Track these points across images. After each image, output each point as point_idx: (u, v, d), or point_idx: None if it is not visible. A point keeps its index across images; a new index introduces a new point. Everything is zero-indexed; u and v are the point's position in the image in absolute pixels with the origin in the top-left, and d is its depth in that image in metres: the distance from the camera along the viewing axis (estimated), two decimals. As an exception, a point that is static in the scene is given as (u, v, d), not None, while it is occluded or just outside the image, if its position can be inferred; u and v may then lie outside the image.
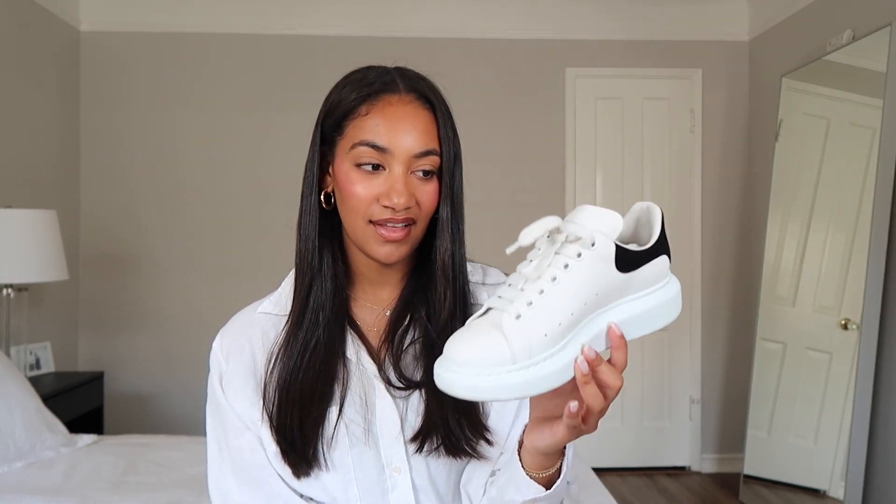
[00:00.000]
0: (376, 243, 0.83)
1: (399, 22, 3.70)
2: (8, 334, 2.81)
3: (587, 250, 0.63)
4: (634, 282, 0.66)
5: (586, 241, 0.63)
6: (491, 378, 0.60)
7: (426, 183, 0.84)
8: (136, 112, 3.66)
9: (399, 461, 0.86)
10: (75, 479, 2.04)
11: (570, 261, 0.63)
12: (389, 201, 0.81)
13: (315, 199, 0.87)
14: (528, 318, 0.62)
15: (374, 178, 0.82)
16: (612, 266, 0.64)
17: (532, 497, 0.76)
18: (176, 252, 3.66)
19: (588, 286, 0.63)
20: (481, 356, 0.60)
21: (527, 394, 0.62)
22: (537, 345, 0.61)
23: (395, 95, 0.83)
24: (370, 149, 0.81)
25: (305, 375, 0.85)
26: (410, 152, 0.82)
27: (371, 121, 0.82)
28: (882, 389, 2.70)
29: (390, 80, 0.85)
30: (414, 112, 0.83)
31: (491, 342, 0.61)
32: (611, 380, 0.64)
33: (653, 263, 0.67)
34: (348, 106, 0.84)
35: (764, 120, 3.65)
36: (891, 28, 2.63)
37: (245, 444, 0.88)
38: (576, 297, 0.62)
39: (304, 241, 0.88)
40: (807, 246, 3.09)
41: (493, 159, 3.68)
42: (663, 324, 0.69)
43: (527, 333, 0.61)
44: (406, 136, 0.81)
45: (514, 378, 0.60)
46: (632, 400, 3.83)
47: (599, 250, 0.63)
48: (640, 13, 3.76)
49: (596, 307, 0.64)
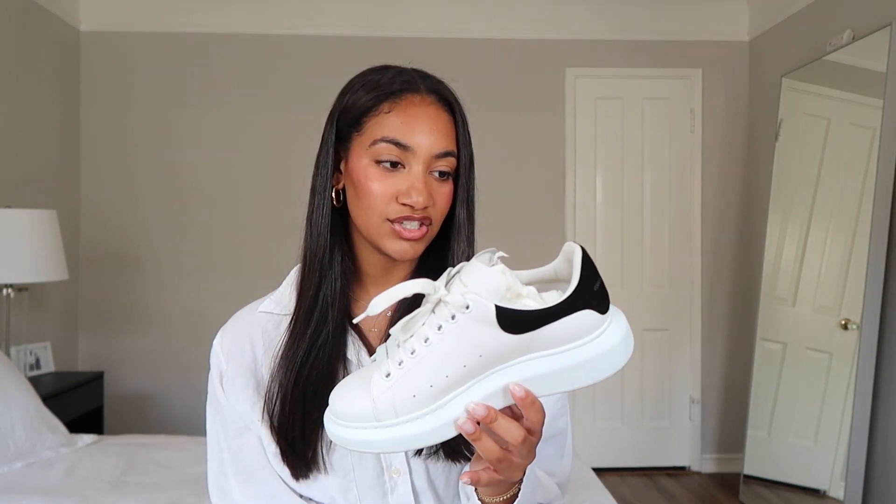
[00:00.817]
0: (391, 240, 0.83)
1: (399, 22, 3.70)
2: (8, 334, 2.81)
3: (461, 313, 0.60)
4: (541, 340, 0.61)
5: (459, 305, 0.60)
6: (357, 432, 0.62)
7: (442, 184, 0.84)
8: (136, 112, 3.66)
9: (399, 463, 0.86)
10: (75, 479, 2.04)
11: (443, 322, 0.61)
12: (409, 199, 0.81)
13: (328, 195, 0.87)
14: (396, 379, 0.61)
15: (393, 175, 0.82)
16: (496, 328, 0.60)
17: None
18: (176, 252, 3.67)
19: (466, 348, 0.60)
20: (349, 411, 0.62)
21: (397, 450, 0.62)
22: (403, 405, 0.61)
23: (418, 96, 0.84)
24: (392, 146, 0.81)
25: (309, 375, 0.85)
26: (431, 152, 0.82)
27: (394, 118, 0.82)
28: (882, 389, 2.70)
29: (411, 80, 0.85)
30: (436, 113, 0.84)
31: (357, 398, 0.62)
32: (509, 435, 0.63)
33: (564, 321, 0.60)
34: (369, 103, 0.84)
35: (764, 120, 3.65)
36: (891, 28, 2.63)
37: (245, 443, 0.88)
38: (450, 360, 0.60)
39: (316, 238, 0.87)
40: (807, 246, 3.09)
41: (493, 159, 3.68)
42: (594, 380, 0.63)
43: (392, 393, 0.61)
44: (427, 135, 0.82)
45: (377, 435, 0.61)
46: (632, 400, 3.83)
47: (475, 313, 0.60)
48: (640, 13, 3.76)
49: (486, 367, 0.61)
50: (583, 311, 0.61)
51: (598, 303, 0.62)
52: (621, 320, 0.64)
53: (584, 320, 0.61)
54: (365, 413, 0.62)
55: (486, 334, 0.60)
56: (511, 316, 0.60)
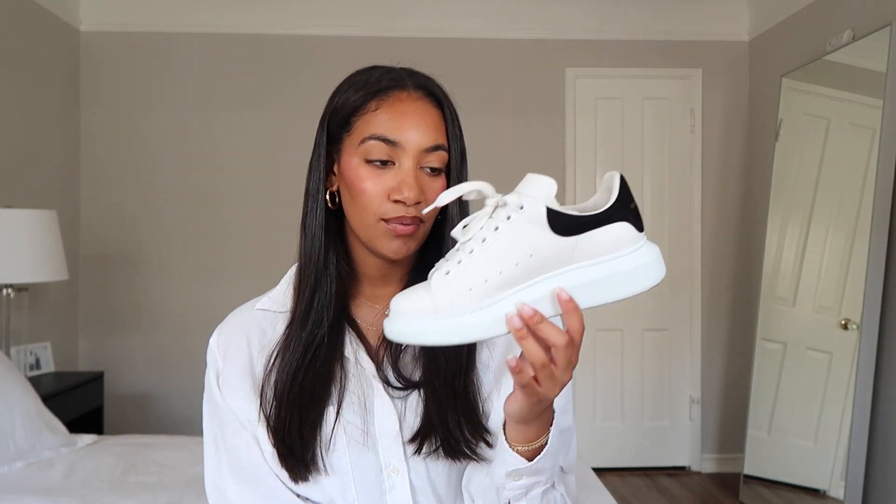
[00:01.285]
0: (385, 239, 0.83)
1: (399, 22, 3.70)
2: (8, 334, 2.81)
3: (516, 213, 0.67)
4: (585, 248, 0.67)
5: (514, 205, 0.67)
6: (416, 323, 0.67)
7: (434, 180, 0.84)
8: (136, 112, 3.66)
9: (397, 462, 0.86)
10: (75, 479, 2.04)
11: (500, 223, 0.67)
12: (400, 195, 0.80)
13: (322, 198, 0.87)
14: (454, 275, 0.67)
15: (383, 173, 0.82)
16: (547, 229, 0.66)
17: (514, 468, 0.77)
18: (176, 251, 3.67)
19: (519, 247, 0.66)
20: (409, 306, 0.68)
21: (451, 341, 0.67)
22: (460, 298, 0.67)
23: (405, 92, 0.84)
24: (380, 142, 0.81)
25: (305, 377, 0.85)
26: (420, 146, 0.82)
27: (381, 116, 0.82)
28: (882, 389, 2.70)
29: (398, 77, 0.85)
30: (423, 108, 0.84)
31: (418, 296, 0.68)
32: (553, 337, 0.66)
33: (605, 230, 0.67)
34: (357, 102, 0.84)
35: (764, 120, 3.65)
36: (891, 28, 2.63)
37: (242, 442, 0.88)
38: (504, 257, 0.66)
39: (311, 241, 0.87)
40: (807, 246, 3.09)
41: (493, 159, 3.68)
42: (631, 292, 0.68)
43: (451, 288, 0.67)
44: (416, 130, 0.82)
45: (435, 325, 0.67)
46: (632, 400, 3.83)
47: (528, 213, 0.66)
48: (640, 13, 3.76)
49: (536, 270, 0.67)
50: (621, 222, 0.68)
51: (634, 219, 0.68)
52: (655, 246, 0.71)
53: (623, 232, 0.68)
54: (424, 306, 0.67)
55: (537, 234, 0.66)
56: (559, 217, 0.66)
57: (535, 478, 0.78)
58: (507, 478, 0.77)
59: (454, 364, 0.85)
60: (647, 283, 0.69)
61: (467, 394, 0.86)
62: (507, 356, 0.90)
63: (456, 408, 0.84)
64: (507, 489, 0.78)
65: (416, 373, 0.87)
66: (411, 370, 0.87)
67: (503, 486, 0.79)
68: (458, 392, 0.85)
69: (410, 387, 0.86)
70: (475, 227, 0.69)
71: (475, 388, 0.87)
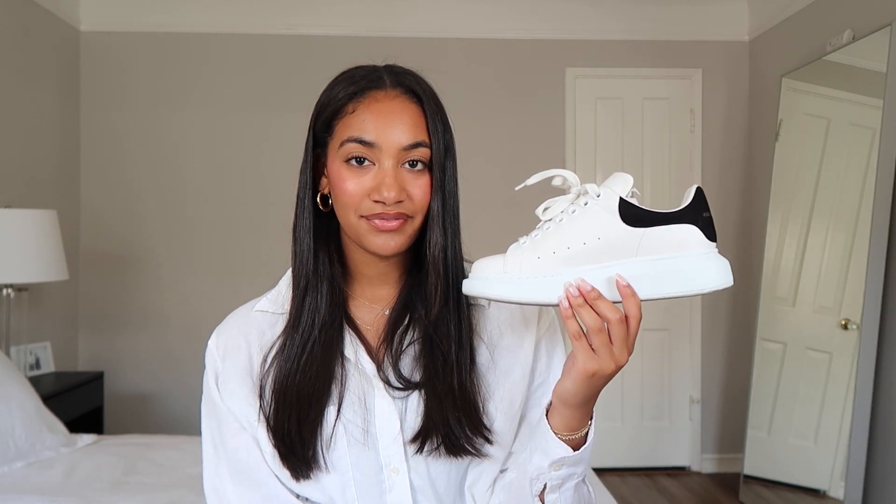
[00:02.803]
0: (370, 234, 0.83)
1: (399, 22, 3.70)
2: (8, 334, 2.81)
3: (593, 200, 0.74)
4: (651, 242, 0.72)
5: (593, 193, 0.74)
6: (483, 282, 0.75)
7: (418, 177, 0.84)
8: (136, 112, 3.66)
9: (397, 462, 0.86)
10: (75, 479, 2.04)
11: (577, 207, 0.74)
12: (379, 195, 0.81)
13: (309, 202, 0.87)
14: (527, 245, 0.75)
15: (363, 173, 0.82)
16: (617, 217, 0.72)
17: (559, 457, 0.78)
18: (176, 252, 3.67)
19: (589, 229, 0.73)
20: (484, 267, 0.76)
21: (510, 298, 0.74)
22: (528, 264, 0.74)
23: (381, 91, 0.84)
24: (357, 144, 0.82)
25: (303, 377, 0.85)
26: (398, 145, 0.82)
27: (358, 118, 0.83)
28: (882, 389, 2.70)
29: (377, 76, 0.85)
30: (401, 106, 0.83)
31: (495, 259, 0.76)
32: (608, 312, 0.71)
33: (671, 228, 0.72)
34: (336, 105, 0.84)
35: (764, 120, 3.65)
36: (891, 28, 2.63)
37: (241, 444, 0.88)
38: (574, 235, 0.73)
39: (300, 245, 0.88)
40: (807, 246, 3.09)
41: (492, 159, 3.68)
42: (687, 291, 0.72)
43: (521, 255, 0.74)
44: (393, 129, 0.82)
45: (501, 284, 0.74)
46: (632, 400, 3.83)
47: (603, 201, 0.73)
48: (640, 13, 3.76)
49: (602, 254, 0.73)
50: (691, 225, 0.73)
51: (705, 226, 0.73)
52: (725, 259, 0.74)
53: (691, 234, 0.73)
54: (496, 267, 0.75)
55: (608, 220, 0.72)
56: (630, 208, 0.72)
57: (574, 468, 0.80)
58: (550, 468, 0.79)
59: (454, 364, 0.85)
60: (706, 286, 0.72)
61: (467, 393, 0.86)
62: (508, 356, 0.90)
63: (456, 406, 0.84)
64: (546, 479, 0.80)
65: (416, 373, 0.87)
66: (411, 370, 0.87)
67: (538, 478, 0.81)
68: (458, 391, 0.85)
69: (411, 387, 0.86)
70: (556, 209, 0.76)
71: (475, 387, 0.87)
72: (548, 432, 0.78)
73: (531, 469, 0.81)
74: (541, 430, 0.80)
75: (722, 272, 0.72)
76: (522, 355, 0.92)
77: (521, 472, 0.83)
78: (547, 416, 0.79)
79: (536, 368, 0.93)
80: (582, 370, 0.73)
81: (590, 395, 0.76)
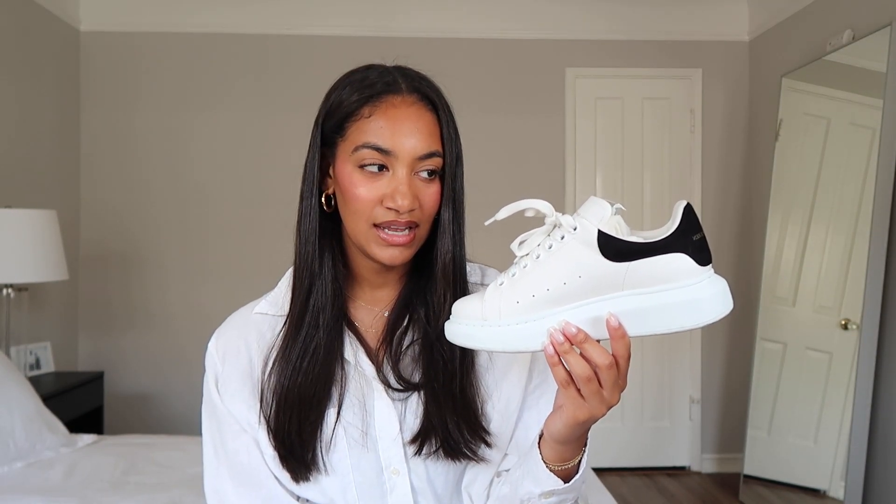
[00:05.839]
0: (379, 246, 0.82)
1: (400, 22, 3.70)
2: (8, 334, 2.81)
3: (569, 234, 0.68)
4: (636, 276, 0.66)
5: (568, 226, 0.68)
6: (463, 327, 0.71)
7: (429, 185, 0.83)
8: (136, 112, 3.66)
9: (398, 463, 0.86)
10: (75, 479, 2.04)
11: (553, 242, 0.69)
12: (393, 203, 0.80)
13: (315, 200, 0.86)
14: (506, 287, 0.70)
15: (377, 179, 0.81)
16: (597, 252, 0.66)
17: (549, 489, 0.77)
18: (176, 252, 3.67)
19: (568, 267, 0.67)
20: (463, 311, 0.72)
21: (494, 348, 0.70)
22: (507, 309, 0.69)
23: (398, 97, 0.82)
24: (374, 151, 0.80)
25: (304, 379, 0.84)
26: (414, 154, 0.81)
27: (374, 123, 0.81)
28: (882, 389, 2.70)
29: (392, 80, 0.84)
30: (417, 114, 0.82)
31: (472, 302, 0.72)
32: (597, 357, 0.67)
33: (658, 259, 0.65)
34: (350, 107, 0.83)
35: (764, 120, 3.65)
36: (891, 28, 2.63)
37: (241, 446, 0.88)
38: (553, 275, 0.68)
39: (304, 244, 0.87)
40: (807, 246, 3.09)
41: (493, 159, 3.68)
42: (684, 325, 0.66)
43: (501, 299, 0.70)
44: (409, 138, 0.81)
45: (480, 332, 0.70)
46: (632, 400, 3.83)
47: (581, 235, 0.67)
48: (640, 13, 3.76)
49: (585, 292, 0.67)
50: (679, 254, 0.66)
51: (695, 252, 0.66)
52: (721, 280, 0.68)
53: (680, 264, 0.66)
54: (475, 313, 0.71)
55: (587, 256, 0.66)
56: (610, 241, 0.66)
57: (566, 496, 0.79)
58: (540, 497, 0.78)
59: (453, 366, 0.85)
60: (701, 320, 0.66)
61: (466, 396, 0.86)
62: (506, 357, 0.90)
63: (455, 409, 0.84)
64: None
65: (415, 375, 0.87)
66: (411, 372, 0.87)
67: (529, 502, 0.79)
68: (457, 394, 0.85)
69: (410, 389, 0.86)
70: (532, 244, 0.71)
71: (474, 390, 0.87)
72: (539, 463, 0.77)
73: (522, 492, 0.80)
74: (532, 459, 0.78)
75: (717, 301, 0.66)
76: (521, 355, 0.91)
77: (513, 490, 0.82)
78: (540, 445, 0.77)
79: (535, 368, 0.92)
80: (572, 417, 0.71)
81: (581, 433, 0.74)
